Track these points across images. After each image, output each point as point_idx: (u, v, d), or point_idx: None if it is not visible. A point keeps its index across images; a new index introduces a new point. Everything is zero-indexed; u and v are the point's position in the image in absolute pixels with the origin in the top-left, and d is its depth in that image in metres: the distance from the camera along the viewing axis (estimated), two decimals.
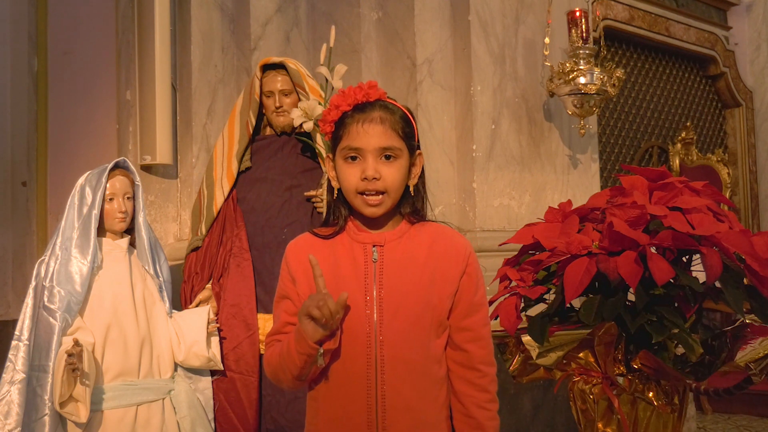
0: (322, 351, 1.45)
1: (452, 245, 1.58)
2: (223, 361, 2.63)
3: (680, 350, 1.83)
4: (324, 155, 2.53)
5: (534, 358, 1.89)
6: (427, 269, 1.54)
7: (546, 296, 1.99)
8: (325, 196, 1.63)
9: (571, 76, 3.33)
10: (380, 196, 1.51)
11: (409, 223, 1.58)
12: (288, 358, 1.49)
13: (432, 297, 1.53)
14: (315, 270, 1.46)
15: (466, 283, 1.57)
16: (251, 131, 2.86)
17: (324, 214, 1.65)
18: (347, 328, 1.50)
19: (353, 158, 1.50)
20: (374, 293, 1.51)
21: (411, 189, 1.57)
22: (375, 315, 1.50)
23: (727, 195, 5.23)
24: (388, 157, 1.50)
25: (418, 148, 1.58)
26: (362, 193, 1.51)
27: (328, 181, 1.59)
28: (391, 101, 1.55)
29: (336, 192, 1.56)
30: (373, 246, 1.54)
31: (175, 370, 2.52)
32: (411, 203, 1.57)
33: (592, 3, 3.78)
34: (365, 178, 1.49)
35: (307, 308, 1.42)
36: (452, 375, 1.58)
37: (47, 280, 2.34)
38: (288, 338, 1.51)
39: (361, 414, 1.49)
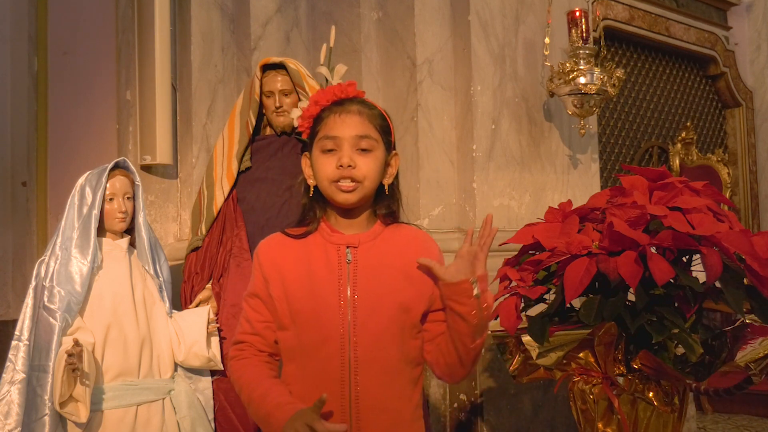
0: None
1: (425, 250, 1.58)
2: (223, 361, 2.63)
3: (680, 350, 1.83)
4: None
5: (534, 358, 1.89)
6: (401, 272, 1.54)
7: (546, 296, 1.99)
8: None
9: (571, 76, 3.32)
10: (354, 183, 1.50)
11: (383, 224, 1.58)
12: (258, 414, 1.50)
13: (406, 299, 1.53)
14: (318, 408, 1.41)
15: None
16: (251, 131, 2.86)
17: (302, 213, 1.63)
18: (321, 330, 1.49)
19: (330, 150, 1.51)
20: (348, 295, 1.51)
21: (386, 188, 1.57)
22: (349, 316, 1.49)
23: (727, 195, 5.23)
24: (364, 150, 1.51)
25: (395, 149, 1.59)
26: (337, 182, 1.50)
27: (304, 180, 1.59)
28: (369, 101, 1.58)
29: (312, 190, 1.56)
30: (347, 247, 1.54)
31: (175, 370, 2.52)
32: (386, 204, 1.58)
33: (592, 3, 3.78)
34: (341, 166, 1.49)
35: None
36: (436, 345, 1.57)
37: (47, 280, 2.34)
38: (267, 396, 1.48)
39: (335, 416, 1.48)
